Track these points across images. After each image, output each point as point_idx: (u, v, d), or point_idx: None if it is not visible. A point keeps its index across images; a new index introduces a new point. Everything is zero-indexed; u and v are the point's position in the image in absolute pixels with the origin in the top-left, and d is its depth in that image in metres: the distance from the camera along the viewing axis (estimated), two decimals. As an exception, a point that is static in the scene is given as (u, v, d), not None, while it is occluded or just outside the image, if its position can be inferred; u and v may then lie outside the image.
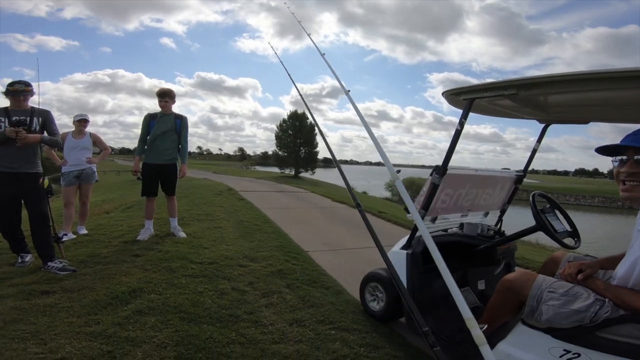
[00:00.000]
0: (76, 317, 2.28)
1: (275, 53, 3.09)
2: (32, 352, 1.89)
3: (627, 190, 1.39)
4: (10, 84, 3.15)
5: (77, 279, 2.85)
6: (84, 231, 4.36)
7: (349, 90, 1.94)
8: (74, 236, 4.11)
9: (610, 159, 1.47)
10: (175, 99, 4.32)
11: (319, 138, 28.07)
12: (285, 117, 29.29)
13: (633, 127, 1.45)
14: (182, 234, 4.34)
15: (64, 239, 3.68)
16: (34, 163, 3.17)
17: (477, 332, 0.96)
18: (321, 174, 32.68)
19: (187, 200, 7.37)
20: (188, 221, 5.20)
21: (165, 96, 4.17)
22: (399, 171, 1.53)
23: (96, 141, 4.55)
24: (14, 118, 3.06)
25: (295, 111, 28.96)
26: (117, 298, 2.54)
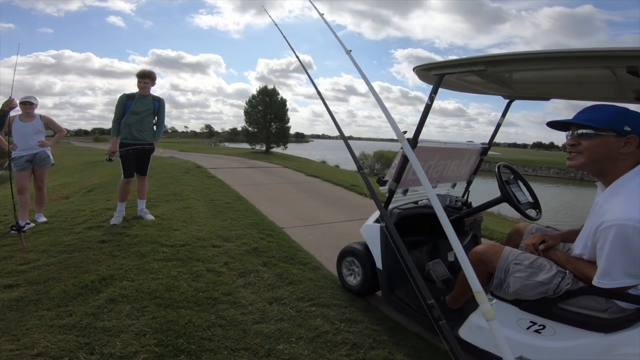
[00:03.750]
0: (46, 310, 2.18)
1: (270, 17, 2.98)
2: (7, 349, 1.81)
3: (569, 158, 1.50)
4: None
5: (41, 270, 2.68)
6: (42, 219, 4.08)
7: (350, 50, 1.90)
8: (32, 224, 3.85)
9: (564, 133, 1.56)
10: (155, 81, 4.18)
11: (291, 113, 29.09)
12: (255, 92, 29.31)
13: (583, 104, 1.54)
14: (150, 217, 4.21)
15: (25, 228, 3.46)
16: None
17: (486, 306, 0.97)
18: (294, 149, 32.51)
19: (153, 180, 7.04)
20: (155, 202, 5.01)
21: (145, 77, 4.03)
22: (405, 132, 1.51)
23: (48, 123, 4.18)
24: None
25: (265, 87, 29.20)
26: (87, 287, 2.44)
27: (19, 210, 3.64)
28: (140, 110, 4.01)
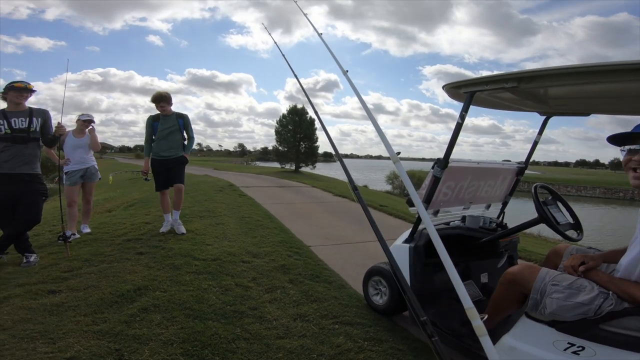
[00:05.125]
0: (83, 316, 2.29)
1: (275, 43, 3.03)
2: (42, 352, 1.91)
3: (638, 177, 1.40)
4: (12, 82, 3.13)
5: (83, 278, 2.87)
6: (87, 230, 4.38)
7: (347, 71, 1.92)
8: (78, 235, 4.14)
9: (619, 148, 1.48)
10: (172, 100, 4.38)
11: (319, 132, 28.48)
12: (285, 112, 29.70)
13: (632, 118, 1.46)
14: (183, 229, 4.37)
15: (71, 239, 3.71)
16: (33, 164, 3.18)
17: (477, 322, 0.96)
18: (322, 169, 32.70)
19: (188, 197, 7.38)
20: (190, 218, 5.22)
21: (161, 101, 4.23)
22: (399, 153, 1.49)
23: (91, 136, 4.41)
24: (12, 120, 3.06)
25: (295, 106, 29.28)
26: (123, 296, 2.56)
27: (67, 222, 3.93)
28: (166, 130, 4.23)
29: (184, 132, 4.38)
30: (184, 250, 3.67)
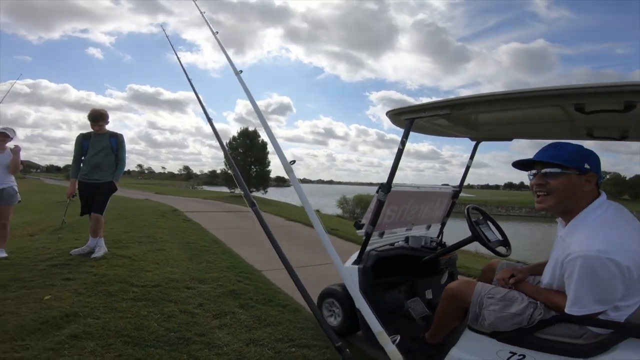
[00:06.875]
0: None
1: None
2: None
3: (539, 202, 1.55)
4: None
5: None
6: (3, 254, 3.80)
7: (241, 71, 1.94)
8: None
9: (527, 173, 1.63)
10: (109, 119, 4.19)
11: (271, 156, 27.26)
12: (235, 134, 27.75)
13: (547, 142, 1.67)
14: (100, 254, 3.99)
15: None
16: None
17: (390, 347, 0.95)
18: (274, 194, 32.10)
19: (125, 222, 6.81)
20: (127, 243, 4.78)
21: (99, 120, 4.05)
22: (293, 162, 1.49)
23: (13, 156, 3.96)
24: None
25: (246, 128, 27.64)
26: (47, 323, 2.27)
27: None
28: (96, 149, 3.99)
29: (117, 153, 4.10)
30: (120, 276, 3.36)
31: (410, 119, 2.11)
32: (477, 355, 1.66)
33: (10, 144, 3.98)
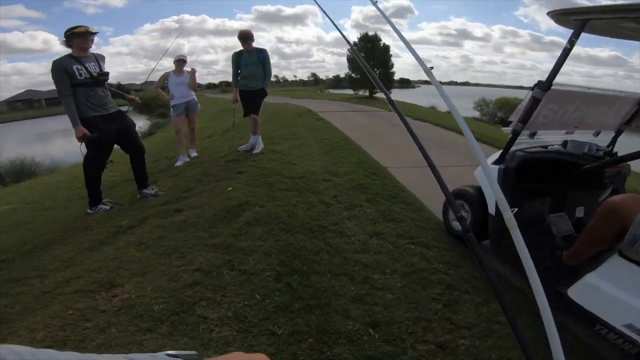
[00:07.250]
0: (202, 231, 2.64)
1: None
2: (176, 265, 2.24)
3: None
4: (72, 28, 3.07)
5: (198, 197, 3.40)
6: (194, 154, 5.20)
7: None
8: (188, 159, 4.93)
9: None
10: (254, 37, 4.77)
11: (394, 59, 28.51)
12: (356, 39, 28.88)
13: None
14: (258, 150, 4.93)
15: (178, 163, 4.67)
16: (114, 103, 3.40)
17: (508, 214, 0.92)
18: (398, 94, 30.86)
19: (273, 122, 7.93)
20: (277, 140, 5.68)
21: (247, 39, 4.65)
22: (431, 68, 1.39)
23: (190, 77, 4.96)
24: (87, 65, 3.11)
25: (366, 33, 28.77)
26: (230, 212, 2.93)
27: (178, 148, 4.74)
28: (249, 63, 4.65)
29: (264, 65, 4.69)
30: (275, 169, 4.07)
31: (583, 19, 1.68)
32: (619, 286, 1.47)
33: (186, 68, 4.98)
